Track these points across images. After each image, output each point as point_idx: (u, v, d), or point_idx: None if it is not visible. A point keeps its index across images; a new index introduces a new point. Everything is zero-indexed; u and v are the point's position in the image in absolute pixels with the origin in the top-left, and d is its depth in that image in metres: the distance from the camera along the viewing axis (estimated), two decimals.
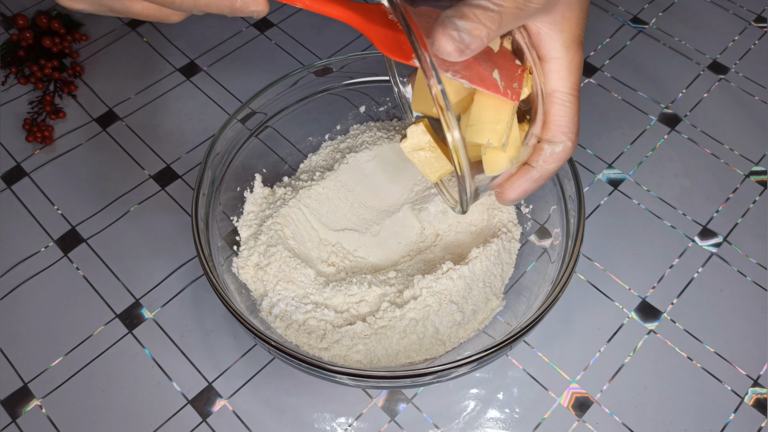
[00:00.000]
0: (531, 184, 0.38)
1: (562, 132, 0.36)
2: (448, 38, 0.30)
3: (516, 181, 0.38)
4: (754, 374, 0.47)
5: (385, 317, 0.45)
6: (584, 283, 0.52)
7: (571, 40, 0.35)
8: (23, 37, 0.63)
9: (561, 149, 0.36)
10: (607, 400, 0.46)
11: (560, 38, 0.35)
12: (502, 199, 0.39)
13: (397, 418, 0.46)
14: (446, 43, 0.30)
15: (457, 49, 0.30)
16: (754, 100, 0.62)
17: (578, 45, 0.35)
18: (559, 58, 0.35)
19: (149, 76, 0.65)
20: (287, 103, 0.52)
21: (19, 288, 0.52)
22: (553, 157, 0.37)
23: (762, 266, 0.52)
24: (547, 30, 0.34)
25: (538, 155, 0.37)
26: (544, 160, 0.37)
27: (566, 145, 0.36)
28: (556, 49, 0.35)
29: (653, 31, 0.68)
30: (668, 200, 0.56)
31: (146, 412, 0.46)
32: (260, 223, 0.50)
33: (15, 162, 0.59)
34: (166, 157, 0.59)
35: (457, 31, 0.30)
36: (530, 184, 0.38)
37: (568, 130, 0.36)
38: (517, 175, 0.38)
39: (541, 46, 0.35)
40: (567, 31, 0.35)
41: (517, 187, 0.38)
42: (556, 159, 0.37)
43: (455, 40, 0.30)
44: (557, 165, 0.37)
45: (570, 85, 0.36)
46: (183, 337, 0.50)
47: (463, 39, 0.30)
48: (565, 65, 0.35)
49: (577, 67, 0.35)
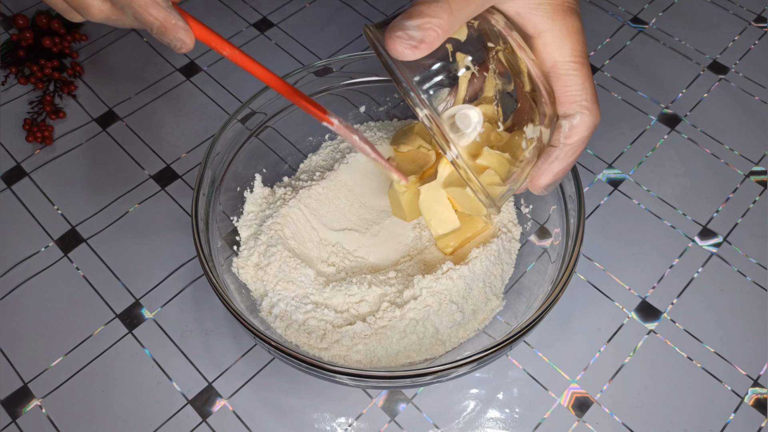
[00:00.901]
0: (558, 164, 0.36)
1: (574, 102, 0.35)
2: (395, 40, 0.30)
3: (542, 166, 0.36)
4: (754, 374, 0.47)
5: (385, 317, 0.45)
6: (584, 283, 0.52)
7: (555, 9, 0.34)
8: (23, 37, 0.63)
9: (578, 120, 0.35)
10: (607, 400, 0.46)
11: (541, 10, 0.33)
12: (535, 187, 0.37)
13: (397, 418, 0.46)
14: (395, 45, 0.30)
15: (410, 47, 0.30)
16: (754, 100, 0.62)
17: (566, 11, 0.34)
18: (548, 29, 0.34)
19: (149, 76, 0.65)
20: (287, 103, 0.52)
21: (19, 288, 0.52)
22: (573, 131, 0.35)
23: (762, 266, 0.52)
24: (524, 7, 0.34)
25: (557, 134, 0.36)
26: (565, 137, 0.35)
27: (583, 114, 0.35)
28: (542, 22, 0.34)
29: (653, 31, 0.68)
30: (668, 200, 0.56)
31: (146, 412, 0.46)
32: (260, 223, 0.50)
33: (15, 162, 0.59)
34: (166, 157, 0.59)
35: (404, 30, 0.30)
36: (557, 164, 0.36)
37: (580, 98, 0.35)
38: (542, 160, 0.36)
39: (526, 25, 0.34)
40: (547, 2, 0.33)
41: (545, 172, 0.36)
42: (577, 132, 0.35)
43: (403, 39, 0.30)
44: (580, 137, 0.35)
45: (569, 53, 0.34)
46: (183, 337, 0.50)
47: (413, 36, 0.30)
48: (557, 34, 0.34)
49: (571, 33, 0.34)
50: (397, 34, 0.30)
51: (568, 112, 0.35)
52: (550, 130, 0.36)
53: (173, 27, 0.31)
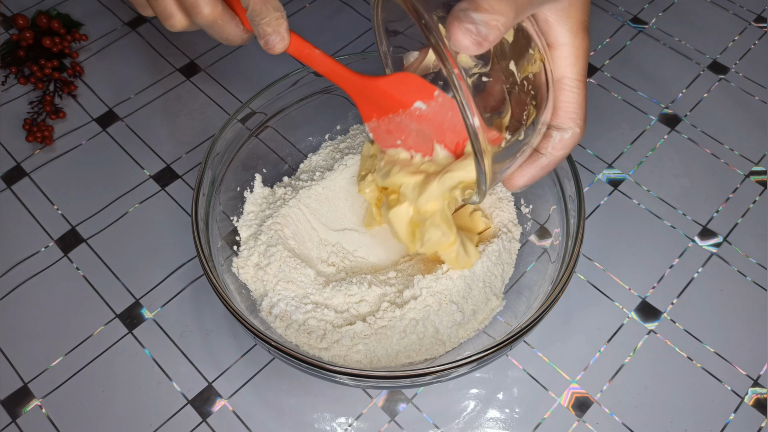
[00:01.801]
0: (540, 170, 0.38)
1: (570, 118, 0.36)
2: (464, 32, 0.29)
3: (525, 168, 0.38)
4: (754, 374, 0.47)
5: (385, 317, 0.45)
6: (584, 283, 0.52)
7: (578, 27, 0.35)
8: (23, 37, 0.63)
9: (570, 135, 0.37)
10: (607, 400, 0.46)
11: (567, 24, 0.34)
12: (511, 185, 0.39)
13: (397, 418, 0.46)
14: (462, 37, 0.30)
15: (475, 42, 0.30)
16: (754, 100, 0.62)
17: (584, 31, 0.35)
18: (567, 45, 0.35)
19: (149, 76, 0.65)
20: (287, 103, 0.52)
21: (19, 288, 0.52)
22: (562, 144, 0.37)
23: (762, 266, 0.52)
24: (554, 17, 0.34)
25: (547, 142, 0.37)
26: (553, 147, 0.37)
27: (575, 131, 0.37)
28: (564, 36, 0.35)
29: (653, 31, 0.68)
30: (668, 200, 0.56)
31: (146, 412, 0.46)
32: (260, 223, 0.50)
33: (15, 162, 0.59)
34: (166, 157, 0.59)
35: (474, 24, 0.29)
36: (539, 171, 0.38)
37: (576, 116, 0.36)
38: (527, 163, 0.38)
39: (548, 33, 0.35)
40: (574, 17, 0.34)
41: (525, 174, 0.38)
42: (565, 146, 0.37)
43: (472, 33, 0.29)
44: (566, 152, 0.37)
45: (578, 72, 0.36)
46: (183, 337, 0.50)
47: (480, 31, 0.29)
48: (573, 51, 0.35)
49: (584, 53, 0.35)
50: (467, 26, 0.29)
51: (561, 125, 0.37)
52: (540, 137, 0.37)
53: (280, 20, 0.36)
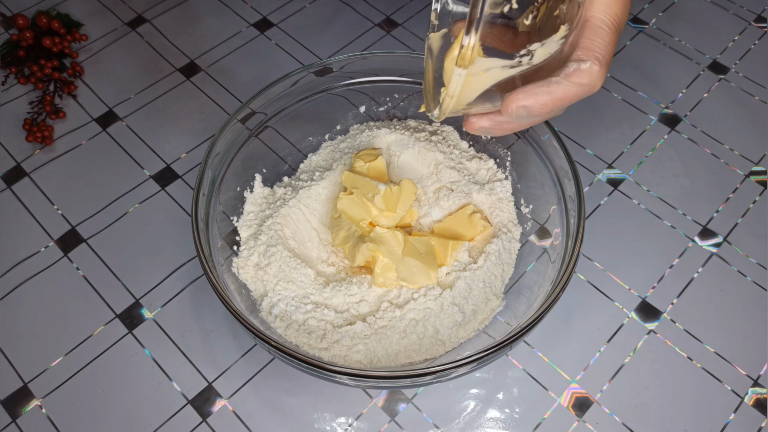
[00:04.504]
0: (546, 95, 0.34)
1: (592, 52, 0.34)
2: None
3: (533, 87, 0.34)
4: (754, 374, 0.47)
5: (385, 317, 0.45)
6: (584, 283, 0.52)
7: None
8: (23, 37, 0.63)
9: (588, 66, 0.33)
10: (607, 400, 0.46)
11: None
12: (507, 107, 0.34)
13: (397, 418, 0.46)
14: None
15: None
16: (754, 100, 0.62)
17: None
18: None
19: (149, 76, 0.65)
20: (287, 103, 0.52)
21: (19, 288, 0.52)
22: (578, 73, 0.33)
23: (762, 266, 0.52)
24: None
25: (560, 69, 0.34)
26: (566, 74, 0.34)
27: (593, 64, 0.33)
28: None
29: (653, 31, 0.68)
30: (668, 200, 0.56)
31: (146, 412, 0.46)
32: (260, 223, 0.50)
33: (15, 162, 0.59)
34: (166, 157, 0.59)
35: None
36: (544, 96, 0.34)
37: (598, 53, 0.34)
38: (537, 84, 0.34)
39: None
40: None
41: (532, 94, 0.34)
42: (581, 76, 0.33)
43: None
44: (578, 86, 0.34)
45: (611, 14, 0.34)
46: (183, 337, 0.50)
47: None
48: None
49: (621, 3, 0.34)
50: None
51: (581, 57, 0.34)
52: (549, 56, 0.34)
53: None
